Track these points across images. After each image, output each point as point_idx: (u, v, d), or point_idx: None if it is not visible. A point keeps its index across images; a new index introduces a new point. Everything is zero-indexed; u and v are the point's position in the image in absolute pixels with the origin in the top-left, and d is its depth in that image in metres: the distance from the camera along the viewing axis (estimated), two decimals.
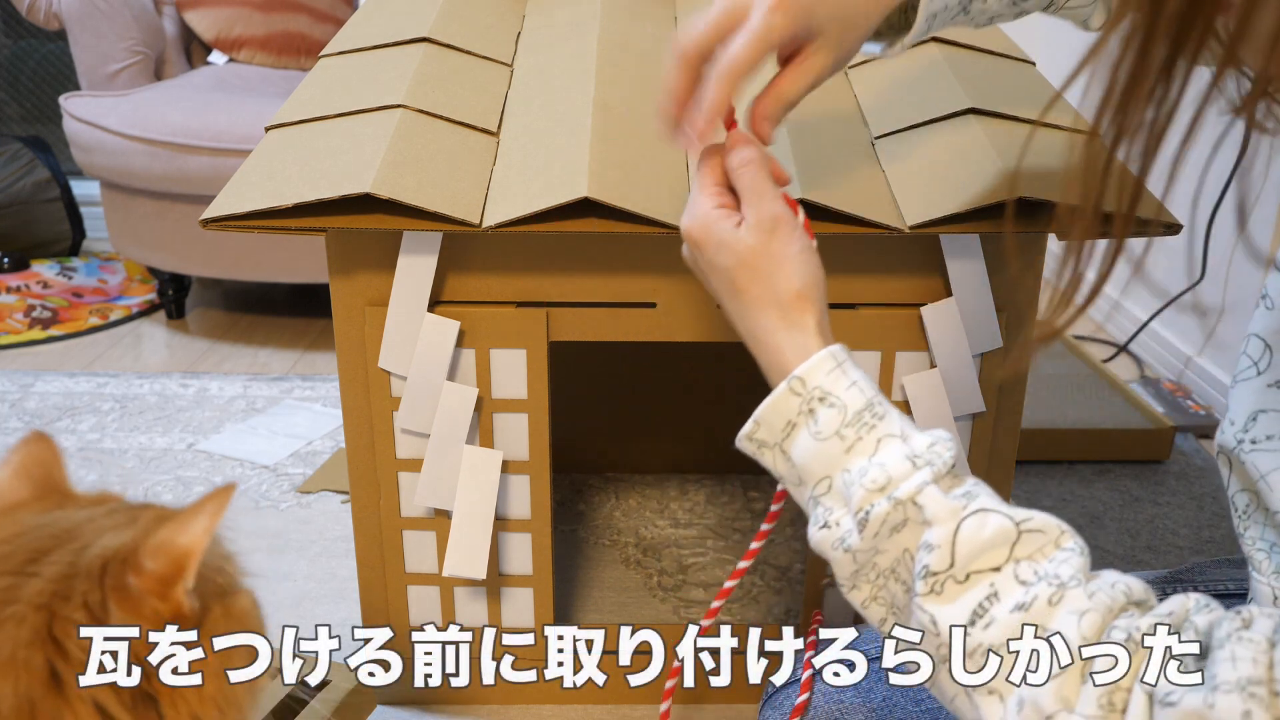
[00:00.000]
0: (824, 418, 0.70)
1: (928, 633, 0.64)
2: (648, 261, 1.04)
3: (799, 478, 0.72)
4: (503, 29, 1.28)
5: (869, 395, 0.70)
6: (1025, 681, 0.59)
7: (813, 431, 0.70)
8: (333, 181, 0.95)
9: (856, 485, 0.67)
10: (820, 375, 0.71)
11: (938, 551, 0.64)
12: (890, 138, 1.07)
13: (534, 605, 1.16)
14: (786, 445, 0.72)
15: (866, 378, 0.72)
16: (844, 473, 0.69)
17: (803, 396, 0.71)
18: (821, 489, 0.70)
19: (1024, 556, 0.63)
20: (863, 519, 0.67)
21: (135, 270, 2.54)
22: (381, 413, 1.08)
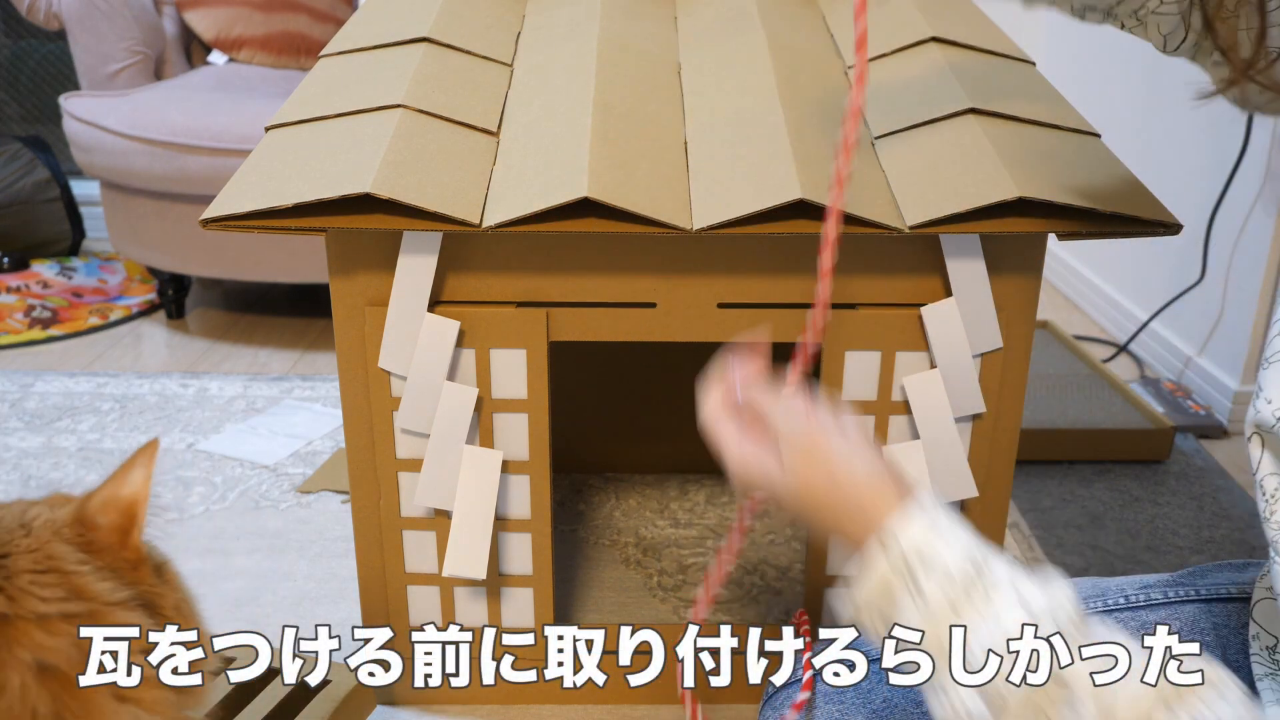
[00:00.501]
0: (923, 580, 0.65)
1: None
2: (648, 261, 1.04)
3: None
4: (503, 29, 1.28)
5: (968, 540, 0.66)
6: None
7: (910, 593, 0.65)
8: (333, 181, 0.95)
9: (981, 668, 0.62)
10: (913, 535, 0.66)
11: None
12: (890, 138, 1.07)
13: (534, 605, 1.16)
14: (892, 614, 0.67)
15: (960, 519, 0.68)
16: (961, 647, 0.63)
17: (893, 559, 0.67)
18: (934, 664, 0.65)
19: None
20: (990, 701, 0.61)
21: (135, 270, 2.54)
22: (381, 413, 1.08)
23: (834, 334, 1.05)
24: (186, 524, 1.56)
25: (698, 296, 1.05)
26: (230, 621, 1.35)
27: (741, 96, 1.10)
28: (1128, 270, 2.22)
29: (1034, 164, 0.98)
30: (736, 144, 1.03)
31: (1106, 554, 1.50)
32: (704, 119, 1.09)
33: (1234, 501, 1.65)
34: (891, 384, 1.07)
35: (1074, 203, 0.94)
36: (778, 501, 0.75)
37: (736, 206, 0.94)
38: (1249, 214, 1.81)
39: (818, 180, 0.96)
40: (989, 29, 1.26)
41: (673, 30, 1.30)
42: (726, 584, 1.38)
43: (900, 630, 0.68)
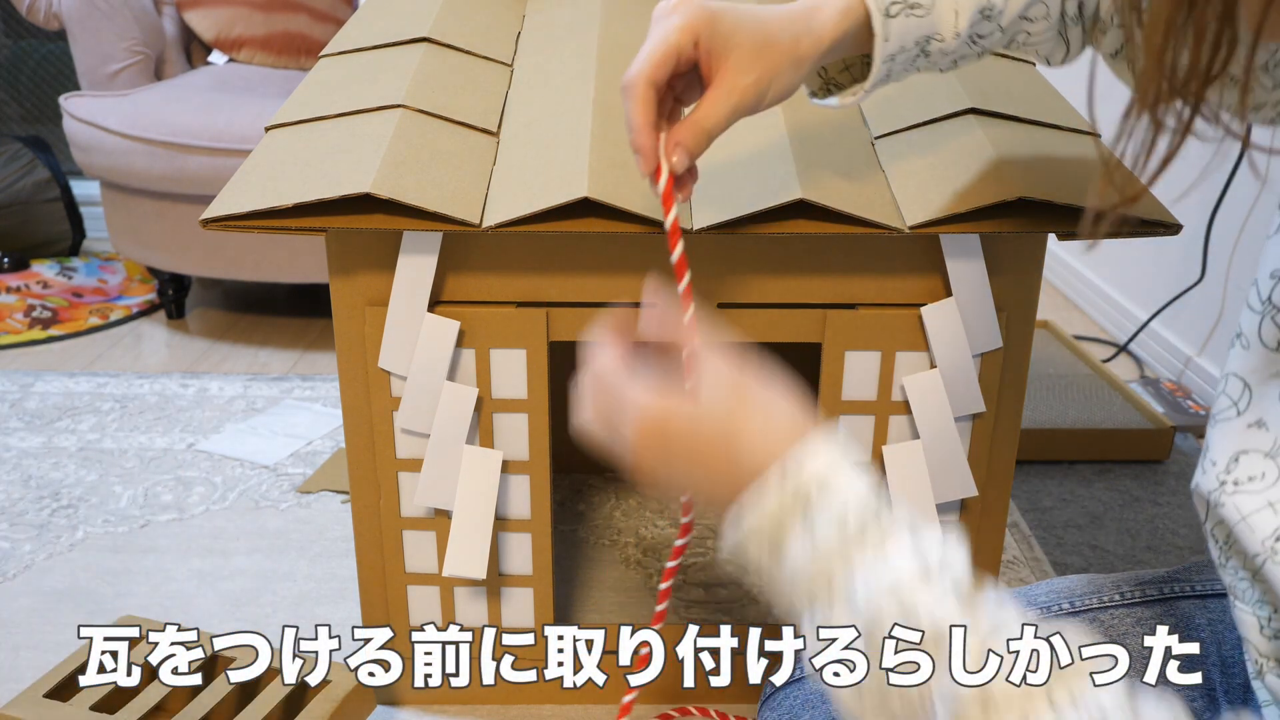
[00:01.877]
0: (821, 510, 0.62)
1: None
2: (648, 261, 1.04)
3: (791, 584, 0.65)
4: (503, 29, 1.28)
5: (868, 480, 0.63)
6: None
7: (805, 527, 0.62)
8: (333, 181, 0.95)
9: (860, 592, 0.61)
10: (816, 465, 0.63)
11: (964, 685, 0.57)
12: (890, 138, 1.07)
13: (534, 605, 1.16)
14: (785, 553, 0.64)
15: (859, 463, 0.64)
16: (851, 579, 0.61)
17: (792, 487, 0.63)
18: (818, 598, 0.63)
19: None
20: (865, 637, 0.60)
21: (135, 270, 2.54)
22: (381, 413, 1.08)
23: (834, 334, 1.05)
24: (186, 524, 1.56)
25: (698, 297, 1.05)
26: (230, 621, 1.35)
27: None
28: (1128, 270, 2.22)
29: (1034, 164, 0.99)
30: (736, 143, 1.03)
31: (1106, 554, 1.50)
32: None
33: None
34: (891, 384, 1.07)
35: (1074, 203, 0.94)
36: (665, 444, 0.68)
37: (736, 206, 0.94)
38: (1249, 214, 1.81)
39: (817, 180, 0.96)
40: None
41: None
42: (726, 584, 1.38)
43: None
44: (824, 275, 1.04)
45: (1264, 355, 0.69)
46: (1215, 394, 0.71)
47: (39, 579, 1.44)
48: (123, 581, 1.43)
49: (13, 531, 1.54)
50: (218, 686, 1.08)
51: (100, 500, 1.62)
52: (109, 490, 1.64)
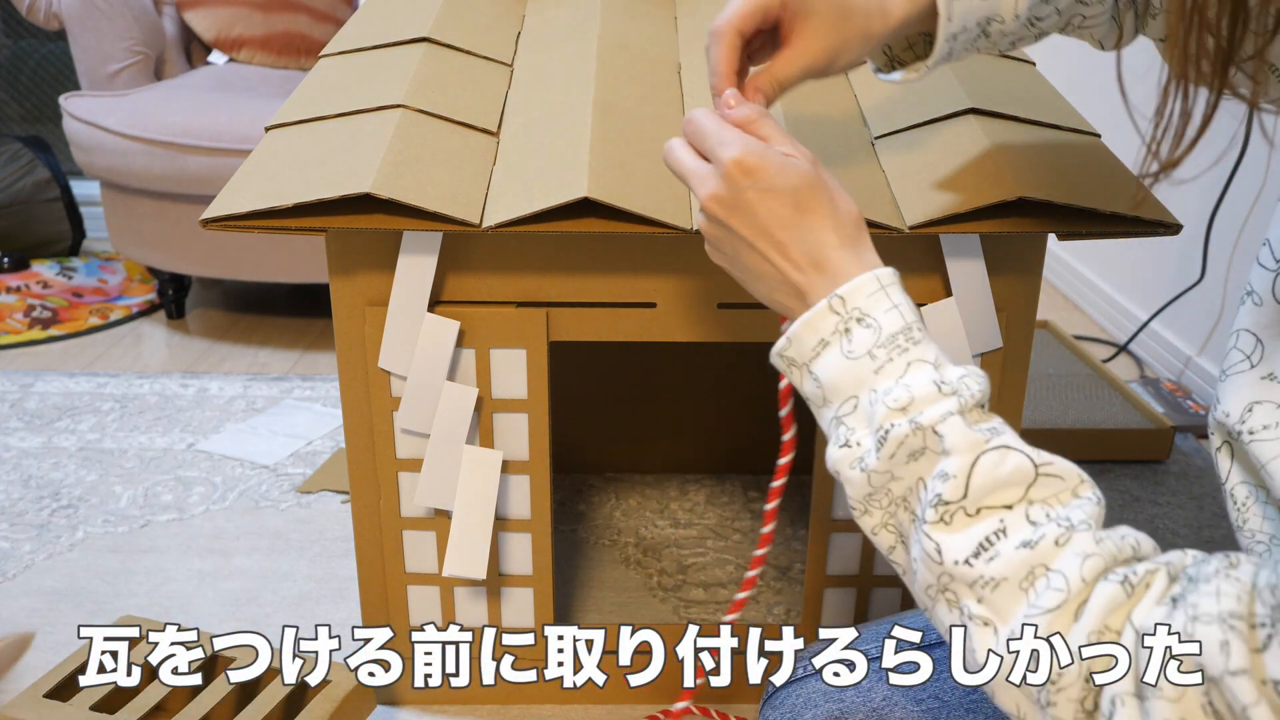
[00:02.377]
0: (858, 337, 0.70)
1: (929, 559, 0.65)
2: (648, 261, 1.04)
3: (824, 397, 0.72)
4: (503, 29, 1.28)
5: (908, 320, 0.71)
6: (1023, 618, 0.61)
7: (845, 350, 0.70)
8: (333, 181, 0.95)
9: (880, 404, 0.68)
10: (861, 296, 0.71)
11: (952, 482, 0.64)
12: (890, 138, 1.07)
13: (534, 605, 1.16)
14: (815, 364, 0.72)
15: (909, 303, 0.72)
16: (870, 392, 0.69)
17: (841, 315, 0.71)
18: (846, 409, 0.70)
19: (1039, 499, 0.65)
20: (881, 438, 0.67)
21: (135, 270, 2.54)
22: (381, 413, 1.08)
23: None
24: (186, 524, 1.56)
25: (698, 296, 1.05)
26: (230, 621, 1.35)
27: None
28: (1128, 270, 2.22)
29: (1034, 164, 0.98)
30: None
31: None
32: None
33: None
34: None
35: (1074, 203, 0.94)
36: (751, 212, 0.75)
37: None
38: (1249, 214, 1.81)
39: None
40: None
41: (673, 30, 1.30)
42: (726, 584, 1.38)
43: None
44: None
45: (1276, 310, 0.72)
46: (1226, 350, 0.73)
47: (39, 579, 1.44)
48: (123, 581, 1.43)
49: (13, 531, 1.54)
50: (218, 686, 1.08)
51: (100, 500, 1.62)
52: (109, 490, 1.64)
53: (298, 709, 1.07)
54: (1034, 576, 0.61)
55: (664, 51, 1.23)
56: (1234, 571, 0.57)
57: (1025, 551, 0.62)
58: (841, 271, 0.72)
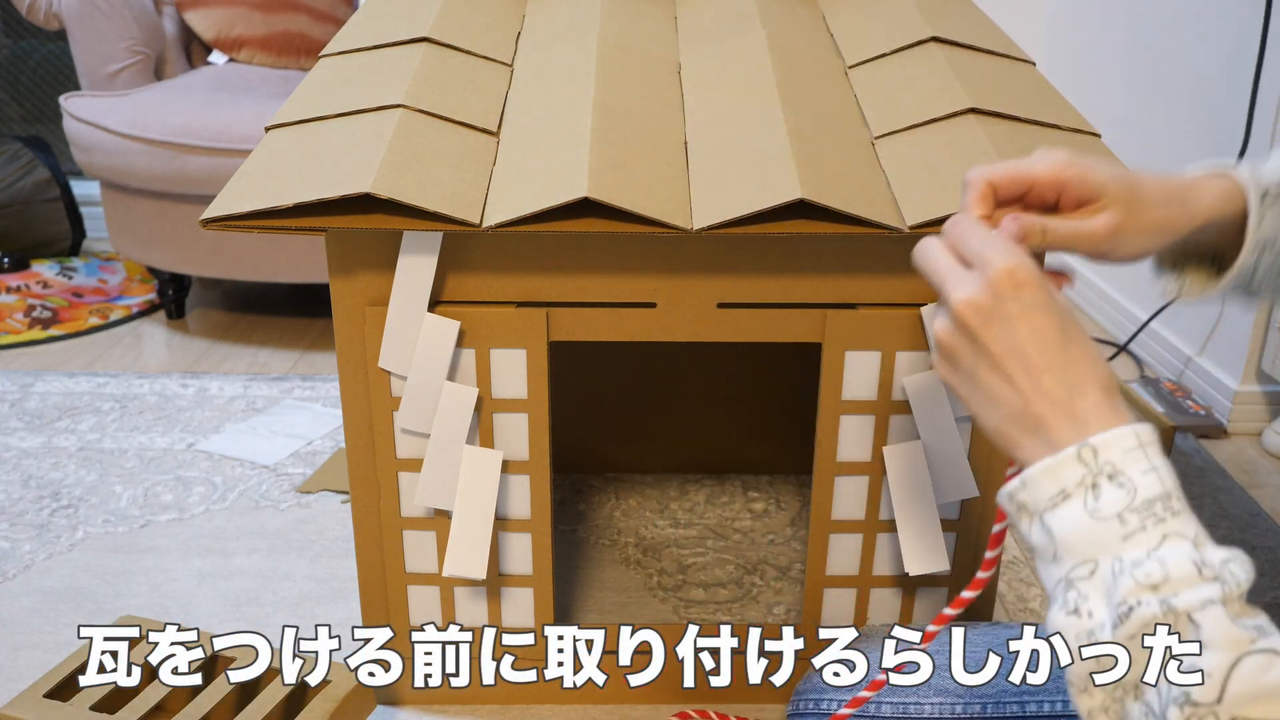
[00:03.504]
0: (1108, 496, 0.63)
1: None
2: (648, 261, 1.04)
3: (1055, 554, 0.65)
4: (503, 29, 1.28)
5: (1168, 486, 0.63)
6: None
7: (1089, 507, 0.63)
8: (333, 181, 0.95)
9: (1126, 576, 0.60)
10: (1117, 451, 0.64)
11: (1209, 682, 0.57)
12: (891, 138, 1.07)
13: (534, 605, 1.16)
14: (1050, 516, 0.65)
15: (1170, 469, 0.64)
16: (1115, 560, 0.62)
17: (1090, 468, 0.64)
18: (1081, 572, 0.63)
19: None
20: (1124, 613, 0.60)
21: (135, 270, 2.54)
22: (381, 413, 1.08)
23: (834, 334, 1.05)
24: (186, 524, 1.56)
25: (698, 296, 1.05)
26: (230, 621, 1.35)
27: (741, 96, 1.10)
28: (1128, 270, 2.22)
29: None
30: (736, 143, 1.03)
31: None
32: (704, 118, 1.09)
33: (1234, 501, 1.65)
34: (891, 384, 1.07)
35: None
36: (1011, 328, 0.67)
37: (736, 206, 0.94)
38: None
39: (817, 179, 0.96)
40: (989, 29, 1.26)
41: (673, 30, 1.30)
42: (726, 584, 1.38)
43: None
44: (824, 275, 1.04)
45: None
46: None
47: (39, 579, 1.44)
48: (123, 581, 1.43)
49: (13, 531, 1.54)
50: (218, 686, 1.08)
51: (100, 500, 1.62)
52: (109, 490, 1.64)
53: (298, 709, 1.07)
54: None
55: (664, 51, 1.23)
56: None
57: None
58: (1094, 418, 0.65)
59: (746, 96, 1.10)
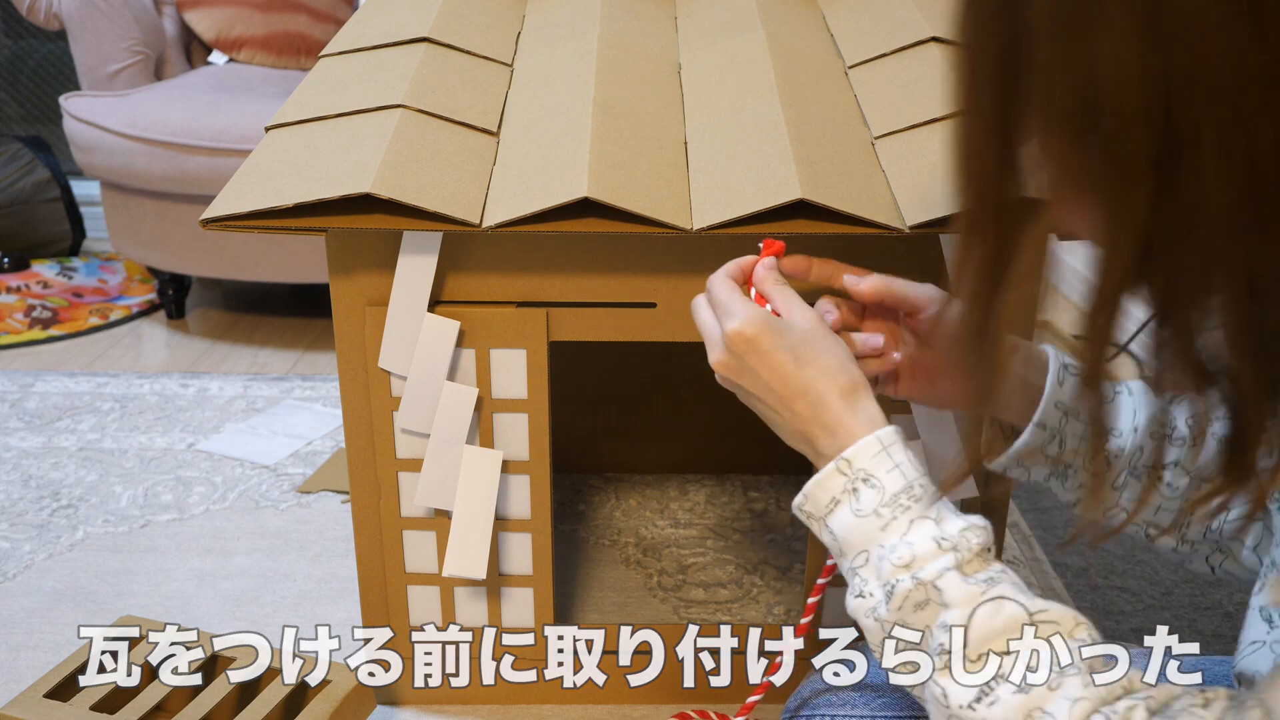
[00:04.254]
0: (865, 497, 0.75)
1: (938, 703, 0.69)
2: (648, 262, 1.04)
3: (840, 550, 0.76)
4: (503, 29, 1.28)
5: (909, 478, 0.74)
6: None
7: (854, 509, 0.75)
8: (333, 181, 0.95)
9: (886, 560, 0.72)
10: (865, 458, 0.75)
11: (952, 632, 0.69)
12: (890, 138, 1.07)
13: (534, 605, 1.16)
14: (829, 520, 0.76)
15: (911, 461, 0.76)
16: (879, 548, 0.73)
17: (848, 476, 0.75)
18: (859, 562, 0.74)
19: (1034, 644, 0.68)
20: (889, 591, 0.72)
21: (135, 270, 2.54)
22: (381, 412, 1.08)
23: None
24: (186, 524, 1.56)
25: None
26: (230, 621, 1.35)
27: (741, 96, 1.10)
28: None
29: None
30: (736, 143, 1.03)
31: (1106, 553, 1.50)
32: (704, 118, 1.09)
33: None
34: None
35: None
36: (756, 377, 0.80)
37: (736, 206, 0.94)
38: None
39: (818, 180, 0.96)
40: None
41: (673, 30, 1.30)
42: (726, 584, 1.38)
43: (900, 631, 0.72)
44: None
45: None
46: None
47: (39, 579, 1.44)
48: (123, 581, 1.43)
49: (13, 531, 1.54)
50: (218, 686, 1.08)
51: (100, 500, 1.62)
52: (109, 490, 1.64)
53: (298, 709, 1.07)
54: (1030, 719, 0.65)
55: (664, 51, 1.23)
56: (1203, 711, 0.60)
57: (1021, 696, 0.66)
58: (843, 429, 0.77)
59: (746, 96, 1.10)
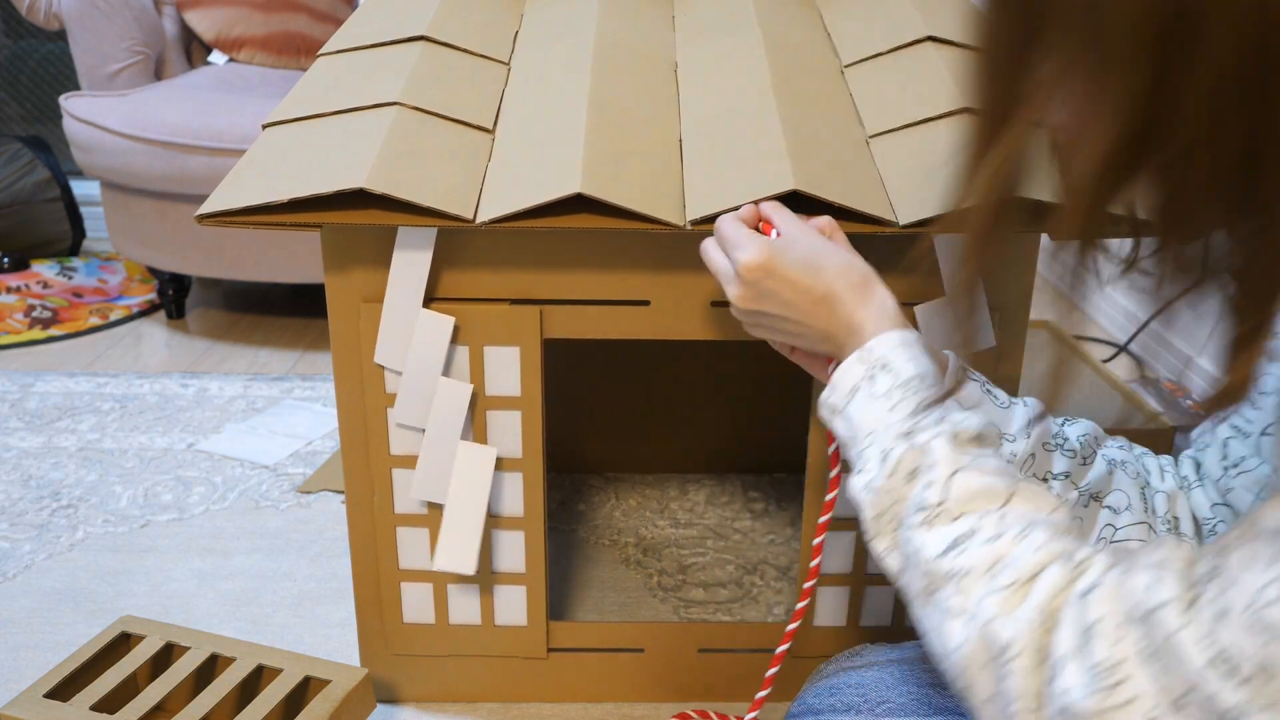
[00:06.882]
0: (881, 381, 0.78)
1: (914, 559, 0.71)
2: (642, 259, 1.04)
3: (852, 435, 0.79)
4: (500, 28, 1.28)
5: (923, 369, 0.78)
6: (982, 598, 0.66)
7: (869, 393, 0.78)
8: (328, 177, 0.95)
9: (890, 431, 0.76)
10: (885, 348, 0.79)
11: (934, 488, 0.71)
12: (885, 136, 1.06)
13: (527, 603, 1.16)
14: (848, 408, 0.80)
15: (928, 358, 0.79)
16: (886, 426, 0.76)
17: (868, 364, 0.79)
18: (866, 443, 0.77)
19: (1012, 511, 0.70)
20: (884, 459, 0.75)
21: (135, 270, 2.54)
22: (376, 409, 1.08)
23: None
24: (186, 524, 1.56)
25: (691, 294, 1.05)
26: (230, 621, 1.35)
27: (736, 93, 1.10)
28: None
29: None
30: (731, 140, 1.03)
31: None
32: (699, 115, 1.09)
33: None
34: None
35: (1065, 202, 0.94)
36: (778, 293, 0.84)
37: (730, 200, 0.94)
38: None
39: (811, 174, 0.96)
40: None
41: (669, 27, 1.30)
42: (726, 584, 1.38)
43: (887, 499, 0.74)
44: None
45: None
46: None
47: (39, 579, 1.44)
48: (123, 581, 1.43)
49: (13, 531, 1.54)
50: (218, 686, 1.08)
51: (100, 500, 1.62)
52: (109, 490, 1.65)
53: (298, 709, 1.07)
54: (996, 567, 0.66)
55: (660, 49, 1.23)
56: (1176, 544, 0.61)
57: (989, 546, 0.67)
58: (862, 322, 0.81)
59: (742, 94, 1.10)
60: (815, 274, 0.83)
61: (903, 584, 0.73)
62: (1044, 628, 0.62)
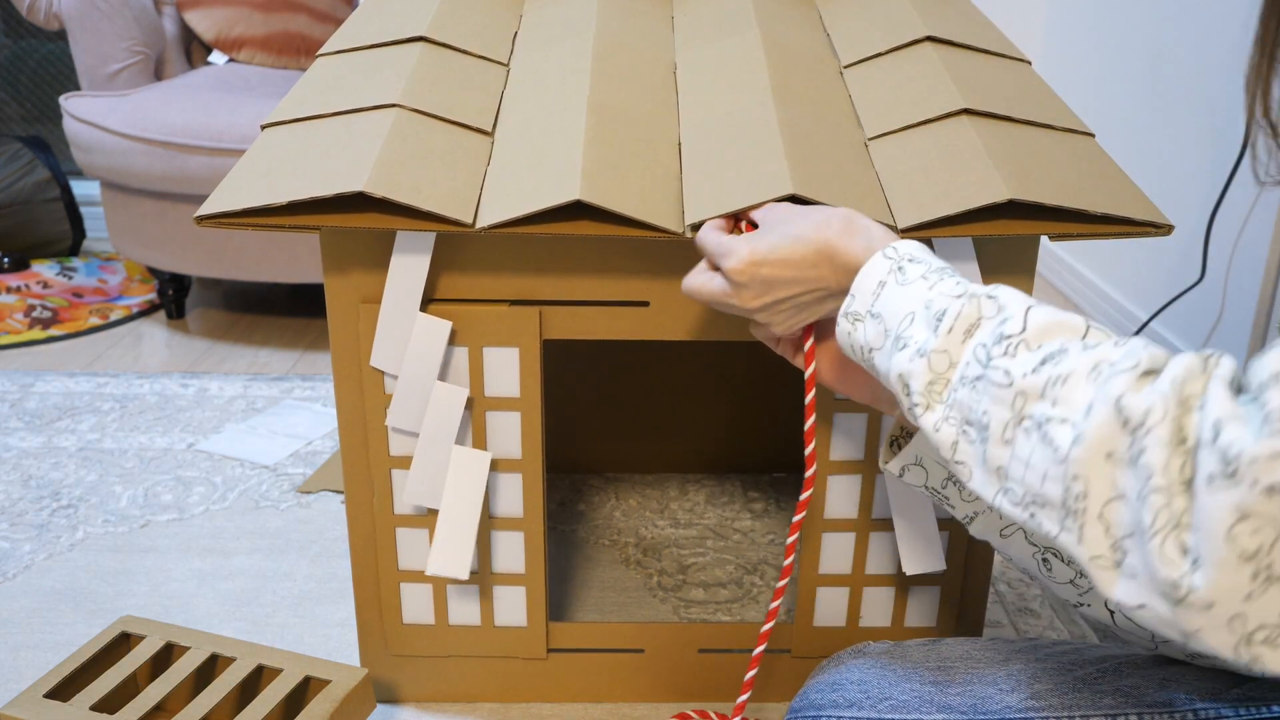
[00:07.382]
0: (910, 270, 0.78)
1: (999, 389, 0.68)
2: (641, 262, 1.04)
3: (885, 330, 0.78)
4: (500, 29, 1.28)
5: (949, 265, 0.79)
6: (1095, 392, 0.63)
7: (899, 281, 0.78)
8: (327, 179, 0.95)
9: (937, 300, 0.75)
10: (911, 246, 0.80)
11: (1012, 320, 0.70)
12: (884, 139, 1.07)
13: (526, 604, 1.16)
14: (876, 304, 0.79)
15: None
16: (927, 302, 0.75)
17: (894, 260, 0.79)
18: (905, 324, 0.76)
19: (1092, 338, 0.68)
20: (938, 319, 0.73)
21: (135, 270, 2.54)
22: (375, 410, 1.08)
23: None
24: (186, 524, 1.57)
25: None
26: (230, 621, 1.35)
27: (736, 95, 1.10)
28: (1127, 270, 2.22)
29: (1026, 165, 0.99)
30: (730, 143, 1.03)
31: None
32: (698, 118, 1.09)
33: None
34: None
35: (1064, 204, 0.94)
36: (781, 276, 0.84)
37: (728, 203, 0.94)
38: (1249, 214, 1.81)
39: (809, 178, 0.96)
40: (985, 28, 1.26)
41: (669, 30, 1.30)
42: (726, 584, 1.38)
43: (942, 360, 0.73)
44: None
45: None
46: None
47: (39, 579, 1.44)
48: (123, 581, 1.44)
49: (13, 531, 1.54)
50: (218, 686, 1.08)
51: (100, 500, 1.62)
52: (109, 490, 1.65)
53: (298, 709, 1.08)
54: (1099, 369, 0.64)
55: (660, 51, 1.23)
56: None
57: (1088, 354, 0.65)
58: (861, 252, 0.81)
59: (741, 96, 1.10)
60: (798, 241, 0.83)
61: (968, 443, 0.71)
62: (1182, 408, 0.58)
